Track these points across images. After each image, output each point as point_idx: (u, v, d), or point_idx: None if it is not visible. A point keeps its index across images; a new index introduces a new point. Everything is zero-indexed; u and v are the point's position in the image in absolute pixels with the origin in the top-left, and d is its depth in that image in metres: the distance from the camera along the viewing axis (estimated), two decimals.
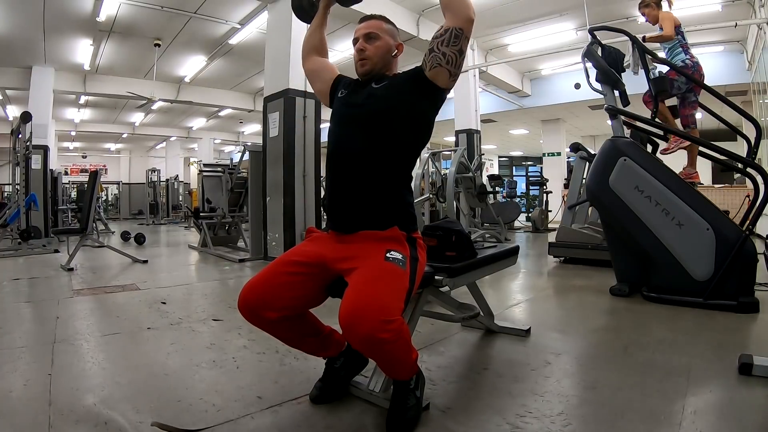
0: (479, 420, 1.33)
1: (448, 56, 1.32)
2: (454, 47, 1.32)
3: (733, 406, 1.44)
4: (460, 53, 1.33)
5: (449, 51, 1.32)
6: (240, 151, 7.27)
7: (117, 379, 1.64)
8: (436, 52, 1.33)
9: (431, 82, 1.36)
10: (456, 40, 1.31)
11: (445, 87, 1.38)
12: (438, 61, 1.33)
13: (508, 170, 20.27)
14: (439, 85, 1.36)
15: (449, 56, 1.32)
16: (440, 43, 1.32)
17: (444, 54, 1.32)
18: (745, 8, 6.18)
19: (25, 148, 5.78)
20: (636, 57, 3.11)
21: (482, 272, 1.86)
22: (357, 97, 1.44)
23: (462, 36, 1.31)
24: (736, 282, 2.50)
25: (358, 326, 1.09)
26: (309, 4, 1.72)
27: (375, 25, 1.44)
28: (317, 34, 1.67)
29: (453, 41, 1.31)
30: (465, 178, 5.80)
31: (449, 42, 1.31)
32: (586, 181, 3.99)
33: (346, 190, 1.37)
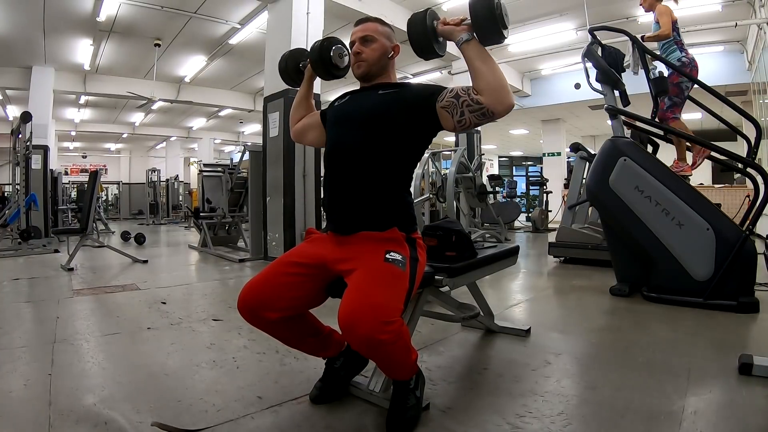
0: (479, 420, 1.33)
1: (465, 119, 1.29)
2: (475, 119, 1.28)
3: (733, 406, 1.43)
4: (475, 125, 1.31)
5: (469, 117, 1.28)
6: (240, 151, 7.27)
7: (117, 379, 1.64)
8: (458, 106, 1.28)
9: (437, 116, 1.33)
10: (483, 117, 1.27)
11: (444, 129, 1.37)
12: (453, 112, 1.29)
13: (508, 170, 20.28)
14: (440, 121, 1.34)
15: (465, 120, 1.29)
16: (467, 104, 1.27)
17: (462, 114, 1.28)
18: (745, 8, 6.18)
19: (25, 148, 5.78)
20: (636, 57, 3.11)
21: (482, 272, 1.86)
22: (360, 101, 1.44)
23: (490, 119, 1.28)
24: (736, 282, 2.50)
25: (358, 327, 1.09)
26: (295, 72, 1.74)
27: (371, 28, 1.44)
28: (304, 104, 1.70)
29: (479, 116, 1.27)
30: (465, 178, 5.80)
31: (476, 113, 1.27)
32: (586, 181, 3.99)
33: (344, 189, 1.37)
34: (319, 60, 1.57)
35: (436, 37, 1.36)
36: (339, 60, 1.58)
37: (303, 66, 1.70)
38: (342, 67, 1.60)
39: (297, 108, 1.70)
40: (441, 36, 1.36)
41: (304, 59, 1.70)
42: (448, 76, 8.11)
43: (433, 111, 1.33)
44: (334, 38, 1.61)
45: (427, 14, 1.35)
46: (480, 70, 1.26)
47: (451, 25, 1.32)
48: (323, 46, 1.56)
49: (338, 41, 1.60)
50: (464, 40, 1.29)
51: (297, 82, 1.74)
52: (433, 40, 1.36)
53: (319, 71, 1.60)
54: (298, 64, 1.72)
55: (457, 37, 1.30)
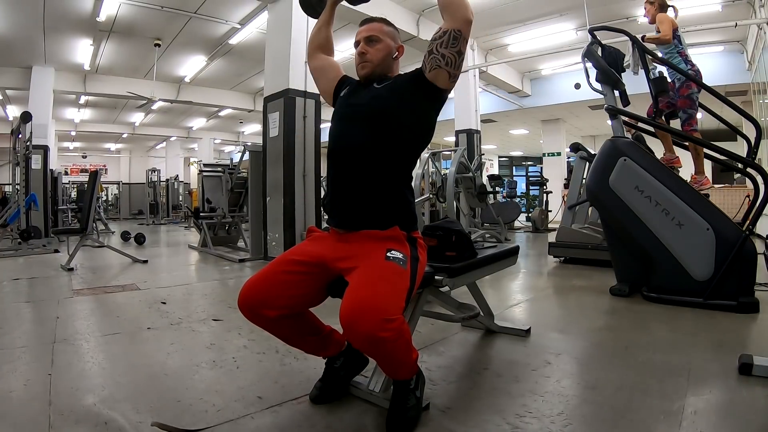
0: (479, 420, 1.33)
1: (447, 58, 1.33)
2: (453, 49, 1.32)
3: (733, 406, 1.44)
4: (459, 54, 1.34)
5: (448, 53, 1.32)
6: (240, 151, 7.27)
7: (117, 379, 1.64)
8: (435, 53, 1.33)
9: (431, 83, 1.36)
10: (455, 41, 1.31)
11: (445, 88, 1.38)
12: (437, 62, 1.34)
13: (508, 170, 20.27)
14: (439, 86, 1.37)
15: (448, 58, 1.33)
16: (439, 45, 1.33)
17: (443, 56, 1.32)
18: (745, 8, 6.18)
19: (25, 148, 5.78)
20: (636, 57, 3.11)
21: (482, 272, 1.86)
22: (359, 97, 1.45)
23: (460, 37, 1.32)
24: (736, 282, 2.50)
25: (359, 325, 1.09)
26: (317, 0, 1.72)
27: (376, 28, 1.45)
28: (324, 31, 1.67)
29: (452, 43, 1.31)
30: (465, 178, 5.80)
31: (448, 44, 1.32)
32: (586, 181, 3.99)
33: (346, 187, 1.38)
34: None
35: None
36: None
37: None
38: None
39: (317, 34, 1.67)
40: None
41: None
42: None
43: (426, 81, 1.37)
44: None
45: None
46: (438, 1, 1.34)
47: None
48: None
49: None
50: None
51: (318, 11, 1.71)
52: None
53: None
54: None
55: None
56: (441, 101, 1.42)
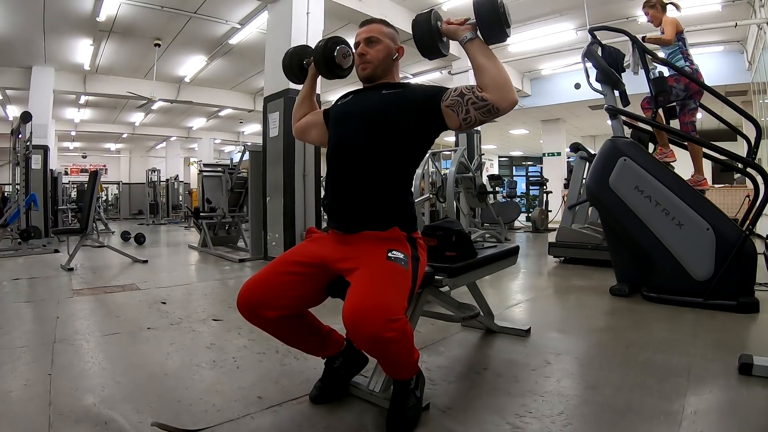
0: (479, 420, 1.33)
1: (470, 117, 1.29)
2: (481, 116, 1.28)
3: (733, 406, 1.44)
4: (480, 123, 1.32)
5: (474, 114, 1.28)
6: (240, 151, 7.27)
7: (117, 379, 1.64)
8: (463, 104, 1.29)
9: (441, 115, 1.34)
10: (488, 114, 1.28)
11: (448, 128, 1.37)
12: (459, 111, 1.30)
13: (508, 170, 20.27)
14: (444, 120, 1.34)
15: (471, 117, 1.29)
16: (472, 102, 1.27)
17: (468, 112, 1.29)
18: (745, 8, 6.18)
19: (25, 148, 5.78)
20: (636, 57, 3.11)
21: (482, 272, 1.86)
22: (364, 99, 1.44)
23: (495, 115, 1.29)
24: (736, 282, 2.50)
25: (364, 325, 1.09)
26: (299, 69, 1.73)
27: (376, 29, 1.45)
28: (306, 103, 1.70)
29: (484, 113, 1.28)
30: (465, 178, 5.80)
31: (481, 110, 1.27)
32: (586, 181, 3.99)
33: (346, 188, 1.37)
34: (323, 59, 1.57)
35: (441, 36, 1.37)
36: (343, 60, 1.58)
37: (307, 64, 1.69)
38: (345, 68, 1.60)
39: (300, 106, 1.70)
40: (445, 35, 1.37)
41: (308, 56, 1.69)
42: (448, 76, 8.12)
43: (438, 110, 1.33)
44: (338, 38, 1.61)
45: (432, 14, 1.36)
46: (484, 67, 1.27)
47: (455, 24, 1.34)
48: (327, 46, 1.56)
49: (342, 41, 1.60)
50: (468, 38, 1.31)
51: (300, 80, 1.73)
52: (438, 39, 1.36)
53: (322, 71, 1.60)
54: (302, 61, 1.71)
55: (461, 36, 1.32)
56: (441, 130, 1.40)
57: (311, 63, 1.65)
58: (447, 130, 1.40)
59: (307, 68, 1.69)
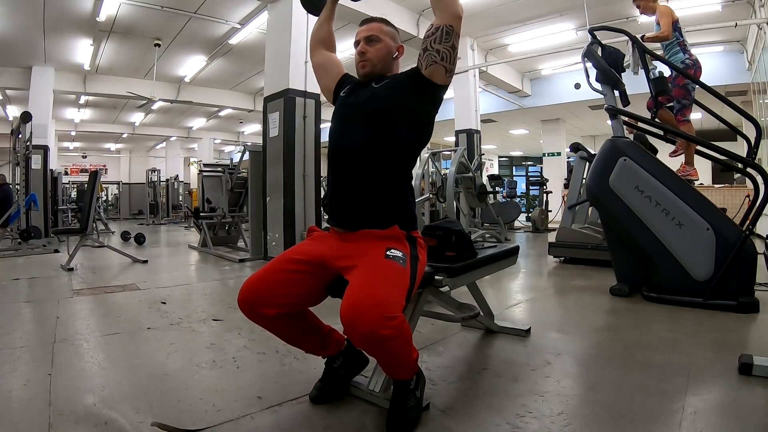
0: (479, 420, 1.33)
1: (442, 53, 1.34)
2: (446, 44, 1.34)
3: (733, 406, 1.44)
4: (453, 49, 1.35)
5: (442, 48, 1.34)
6: (240, 151, 7.27)
7: (117, 379, 1.64)
8: (430, 50, 1.35)
9: (429, 80, 1.37)
10: (447, 36, 1.33)
11: (442, 84, 1.39)
12: (433, 58, 1.35)
13: (508, 170, 20.27)
14: (436, 82, 1.38)
15: (443, 53, 1.34)
16: (433, 41, 1.34)
17: (438, 51, 1.34)
18: (745, 8, 6.18)
19: (25, 148, 5.78)
20: (636, 57, 3.11)
21: (482, 272, 1.86)
22: (357, 96, 1.45)
23: (453, 32, 1.34)
24: (736, 282, 2.50)
25: (360, 323, 1.09)
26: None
27: (376, 28, 1.46)
28: (325, 26, 1.68)
29: (445, 38, 1.33)
30: (465, 178, 5.80)
31: (441, 39, 1.34)
32: (586, 181, 3.99)
33: (346, 187, 1.38)
34: None
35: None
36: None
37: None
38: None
39: (318, 29, 1.68)
40: None
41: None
42: None
43: (423, 77, 1.38)
44: None
45: None
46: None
47: None
48: None
49: None
50: None
51: (320, 8, 1.72)
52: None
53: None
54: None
55: None
56: (438, 99, 1.43)
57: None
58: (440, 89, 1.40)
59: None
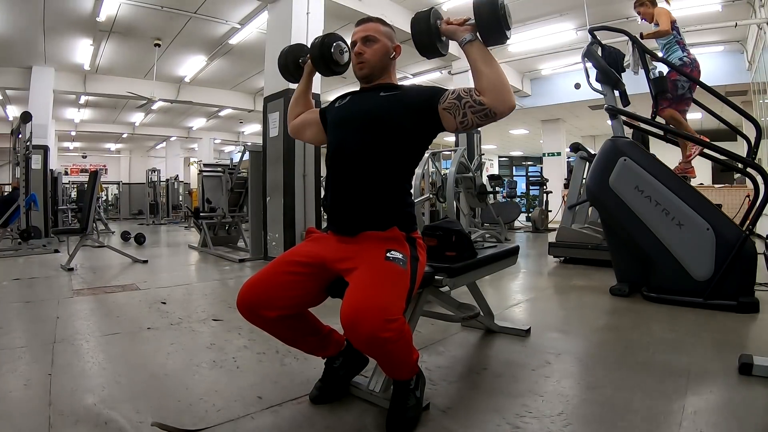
0: (479, 420, 1.33)
1: (467, 120, 1.29)
2: (478, 119, 1.28)
3: (733, 406, 1.43)
4: (477, 126, 1.31)
5: (471, 118, 1.28)
6: (240, 151, 7.27)
7: (117, 379, 1.64)
8: (460, 107, 1.28)
9: (438, 117, 1.34)
10: (485, 118, 1.27)
11: (445, 130, 1.37)
12: (456, 113, 1.29)
13: (508, 170, 20.27)
14: (441, 123, 1.34)
15: (468, 121, 1.29)
16: (469, 105, 1.27)
17: (465, 115, 1.28)
18: (745, 8, 6.18)
19: (25, 148, 5.78)
20: (636, 57, 3.11)
21: (482, 272, 1.86)
22: (361, 102, 1.44)
23: (492, 119, 1.28)
24: (736, 282, 2.50)
25: (360, 325, 1.09)
26: (294, 67, 1.73)
27: (372, 28, 1.44)
28: (301, 101, 1.69)
29: (482, 117, 1.27)
30: (465, 178, 5.80)
31: (478, 114, 1.27)
32: (586, 181, 3.99)
33: (346, 190, 1.37)
34: (320, 56, 1.57)
35: (440, 36, 1.35)
36: (339, 56, 1.58)
37: (303, 62, 1.69)
38: (342, 64, 1.60)
39: (295, 103, 1.70)
40: (444, 35, 1.36)
41: (303, 55, 1.70)
42: (448, 76, 8.11)
43: (435, 113, 1.33)
44: (334, 34, 1.61)
45: (431, 13, 1.34)
46: (482, 71, 1.26)
47: (455, 24, 1.32)
48: (324, 43, 1.56)
49: (338, 37, 1.60)
50: (467, 40, 1.29)
51: (296, 78, 1.73)
52: (437, 39, 1.35)
53: (320, 67, 1.61)
54: (298, 59, 1.72)
55: (461, 37, 1.30)
56: (438, 131, 1.40)
57: (307, 61, 1.65)
58: (444, 132, 1.39)
59: (303, 66, 1.69)
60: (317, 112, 1.61)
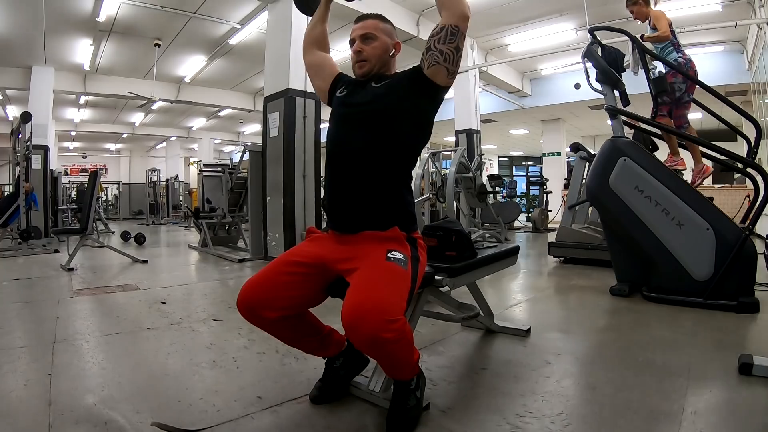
0: (479, 420, 1.33)
1: (445, 54, 1.32)
2: (450, 44, 1.31)
3: (733, 406, 1.44)
4: (457, 50, 1.33)
5: (446, 48, 1.31)
6: (240, 151, 7.27)
7: (117, 379, 1.64)
8: (434, 50, 1.33)
9: (430, 80, 1.35)
10: (452, 37, 1.31)
11: (444, 85, 1.37)
12: (436, 59, 1.33)
13: (508, 170, 20.27)
14: (437, 83, 1.36)
15: (446, 54, 1.32)
16: (437, 41, 1.32)
17: (441, 51, 1.32)
18: (745, 8, 6.18)
19: (25, 148, 5.78)
20: (636, 57, 3.11)
21: (482, 272, 1.86)
22: (356, 97, 1.43)
23: (458, 33, 1.31)
24: (736, 282, 2.50)
25: (362, 326, 1.09)
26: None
27: (371, 25, 1.44)
28: (319, 27, 1.66)
29: (449, 39, 1.31)
30: (465, 178, 5.80)
31: (446, 39, 1.31)
32: (586, 181, 3.99)
33: (345, 190, 1.37)
34: None
35: None
36: None
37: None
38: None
39: (312, 29, 1.67)
40: None
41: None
42: None
43: (425, 77, 1.35)
44: None
45: None
46: None
47: None
48: None
49: None
50: None
51: (312, 9, 1.71)
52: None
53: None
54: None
55: None
56: (439, 99, 1.41)
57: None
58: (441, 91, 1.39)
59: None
60: (333, 73, 1.57)
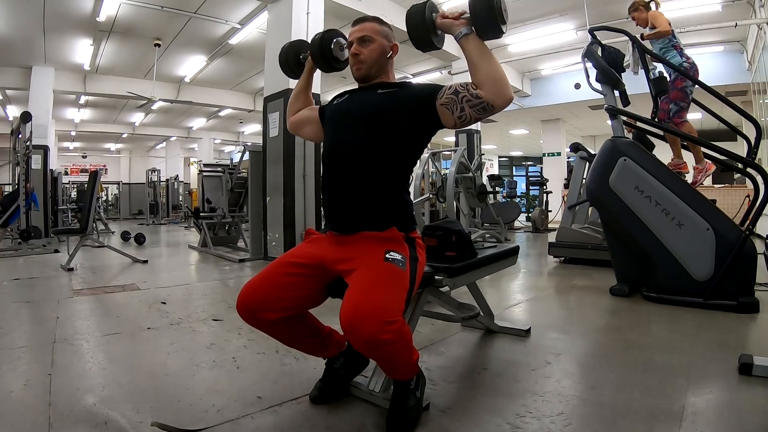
0: (479, 420, 1.33)
1: (465, 115, 1.28)
2: (475, 113, 1.27)
3: (733, 406, 1.44)
4: (475, 120, 1.31)
5: (469, 113, 1.27)
6: (240, 151, 7.27)
7: (117, 379, 1.64)
8: (458, 102, 1.27)
9: (437, 113, 1.32)
10: (483, 112, 1.26)
11: (444, 126, 1.36)
12: (454, 108, 1.28)
13: (508, 170, 20.27)
14: (440, 119, 1.33)
15: (466, 116, 1.28)
16: (467, 99, 1.26)
17: (463, 110, 1.27)
18: (745, 8, 6.18)
19: (25, 148, 5.78)
20: (636, 57, 3.11)
21: (482, 272, 1.86)
22: (359, 99, 1.43)
23: (490, 112, 1.27)
24: (736, 282, 2.50)
25: (360, 328, 1.09)
26: (295, 63, 1.73)
27: (369, 28, 1.43)
28: (302, 97, 1.69)
29: (479, 110, 1.26)
30: (465, 178, 5.80)
31: (476, 108, 1.26)
32: (586, 181, 3.99)
33: (343, 190, 1.37)
34: (320, 53, 1.57)
35: (435, 29, 1.35)
36: (339, 53, 1.58)
37: (303, 58, 1.70)
38: (342, 60, 1.60)
39: (295, 99, 1.70)
40: (440, 29, 1.36)
41: (304, 51, 1.70)
42: (448, 76, 8.11)
43: (433, 109, 1.32)
44: (334, 30, 1.61)
45: (426, 6, 1.34)
46: (479, 64, 1.26)
47: (450, 18, 1.32)
48: (323, 39, 1.56)
49: (338, 33, 1.60)
50: (463, 34, 1.28)
51: (297, 74, 1.73)
52: (432, 32, 1.35)
53: (320, 64, 1.61)
54: (299, 55, 1.72)
55: (456, 31, 1.30)
56: (437, 129, 1.39)
57: (308, 57, 1.65)
58: (443, 129, 1.39)
59: (304, 63, 1.69)
60: (317, 110, 1.62)
